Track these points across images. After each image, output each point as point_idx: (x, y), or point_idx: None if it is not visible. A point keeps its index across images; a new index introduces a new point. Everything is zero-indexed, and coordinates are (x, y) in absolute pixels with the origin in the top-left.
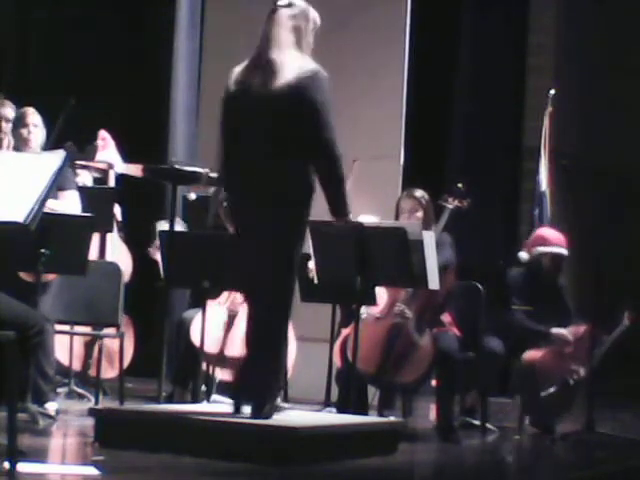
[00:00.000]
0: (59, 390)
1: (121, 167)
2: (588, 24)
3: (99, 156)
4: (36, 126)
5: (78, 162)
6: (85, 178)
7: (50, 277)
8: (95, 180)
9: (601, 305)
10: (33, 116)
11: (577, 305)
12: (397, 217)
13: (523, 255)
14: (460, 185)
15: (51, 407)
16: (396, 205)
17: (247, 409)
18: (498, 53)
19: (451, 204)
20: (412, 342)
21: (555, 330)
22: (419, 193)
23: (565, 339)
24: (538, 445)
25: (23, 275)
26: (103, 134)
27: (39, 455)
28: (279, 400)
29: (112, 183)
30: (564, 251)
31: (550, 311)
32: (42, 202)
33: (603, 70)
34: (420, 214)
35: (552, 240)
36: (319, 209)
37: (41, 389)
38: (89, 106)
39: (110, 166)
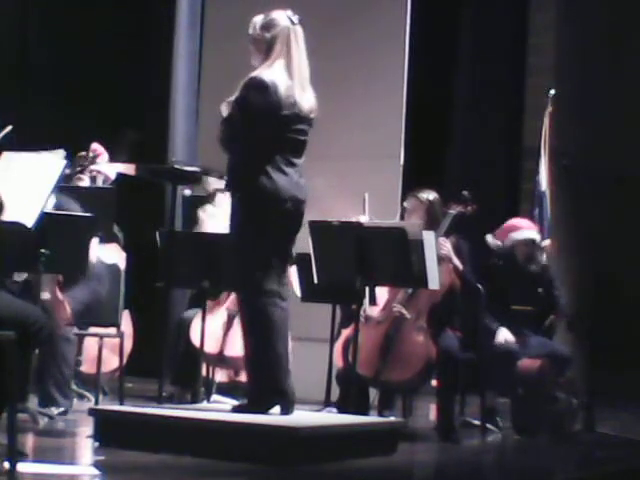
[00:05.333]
0: None
1: (116, 168)
2: (588, 24)
3: (91, 167)
4: None
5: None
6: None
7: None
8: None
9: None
10: None
11: (577, 305)
12: (402, 217)
13: (491, 240)
14: (465, 192)
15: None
16: (401, 206)
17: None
18: (498, 53)
19: (454, 210)
20: (410, 341)
21: (501, 335)
22: (424, 194)
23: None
24: (538, 445)
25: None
26: (94, 146)
27: (39, 455)
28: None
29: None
30: (536, 235)
31: (527, 298)
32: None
33: (603, 70)
34: (422, 215)
35: (524, 226)
36: (319, 210)
37: (52, 396)
38: (89, 106)
39: (106, 178)
